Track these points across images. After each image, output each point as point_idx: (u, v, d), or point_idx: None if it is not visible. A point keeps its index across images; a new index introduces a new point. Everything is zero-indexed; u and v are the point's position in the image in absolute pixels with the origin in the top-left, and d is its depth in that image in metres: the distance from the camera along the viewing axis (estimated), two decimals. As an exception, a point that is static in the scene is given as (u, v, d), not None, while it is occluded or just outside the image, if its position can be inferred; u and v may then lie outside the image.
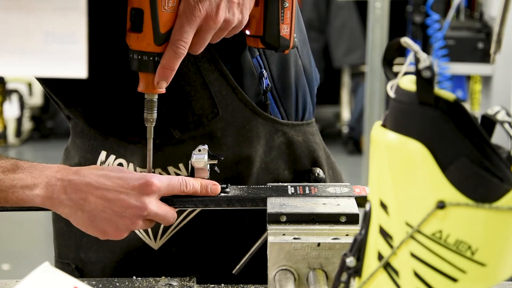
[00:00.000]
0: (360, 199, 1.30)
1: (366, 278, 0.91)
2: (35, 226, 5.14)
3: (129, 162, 1.41)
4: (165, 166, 1.40)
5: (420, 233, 0.86)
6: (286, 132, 1.46)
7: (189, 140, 1.40)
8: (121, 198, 1.25)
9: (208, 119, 1.39)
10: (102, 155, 1.44)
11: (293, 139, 1.47)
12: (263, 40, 1.34)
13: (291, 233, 1.20)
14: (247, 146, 1.42)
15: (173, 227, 1.43)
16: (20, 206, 1.28)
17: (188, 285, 1.30)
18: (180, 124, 1.39)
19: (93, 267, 1.48)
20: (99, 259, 1.47)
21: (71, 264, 1.50)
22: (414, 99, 0.85)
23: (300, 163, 1.47)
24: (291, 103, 1.48)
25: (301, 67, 1.50)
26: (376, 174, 0.89)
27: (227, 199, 1.31)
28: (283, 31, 1.34)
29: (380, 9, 4.06)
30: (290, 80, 1.47)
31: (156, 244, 1.44)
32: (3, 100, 7.00)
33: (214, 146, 1.39)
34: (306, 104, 1.51)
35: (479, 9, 4.45)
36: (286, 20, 1.34)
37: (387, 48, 0.90)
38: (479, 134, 0.84)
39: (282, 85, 1.46)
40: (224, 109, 1.40)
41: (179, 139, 1.40)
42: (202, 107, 1.39)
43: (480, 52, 4.03)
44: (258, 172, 1.43)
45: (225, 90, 1.39)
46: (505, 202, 0.83)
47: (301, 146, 1.48)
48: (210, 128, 1.40)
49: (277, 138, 1.45)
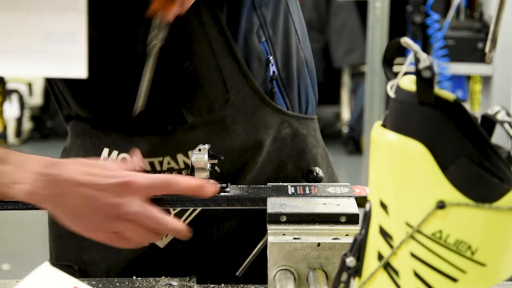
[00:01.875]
0: (360, 199, 1.30)
1: (366, 278, 0.91)
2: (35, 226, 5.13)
3: (134, 156, 1.41)
4: (175, 154, 1.40)
5: (420, 233, 0.86)
6: (292, 124, 1.46)
7: (200, 126, 1.40)
8: (98, 195, 1.20)
9: (220, 104, 1.40)
10: (104, 152, 1.43)
11: (297, 131, 1.47)
12: None
13: (291, 233, 1.20)
14: (254, 134, 1.43)
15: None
16: (7, 200, 1.26)
17: (188, 285, 1.30)
18: (193, 108, 1.39)
19: (97, 268, 1.47)
20: (102, 259, 1.46)
21: (73, 266, 1.49)
22: (414, 99, 0.85)
23: (302, 157, 1.47)
24: (294, 94, 1.48)
25: (302, 58, 1.51)
26: (376, 174, 0.89)
27: (227, 199, 1.31)
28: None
29: (380, 9, 4.06)
30: (293, 70, 1.48)
31: (162, 242, 1.44)
32: (3, 100, 7.00)
33: (224, 133, 1.40)
34: (308, 97, 1.51)
35: (479, 9, 4.45)
36: None
37: (387, 48, 0.90)
38: (479, 134, 0.84)
39: (286, 74, 1.47)
40: (235, 96, 1.40)
41: (191, 125, 1.40)
42: (214, 91, 1.39)
43: (480, 52, 4.03)
44: (262, 162, 1.44)
45: (237, 76, 1.40)
46: (505, 202, 0.83)
47: (304, 139, 1.48)
48: (221, 114, 1.40)
49: (283, 129, 1.45)
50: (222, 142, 1.41)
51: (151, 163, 1.41)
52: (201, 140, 1.36)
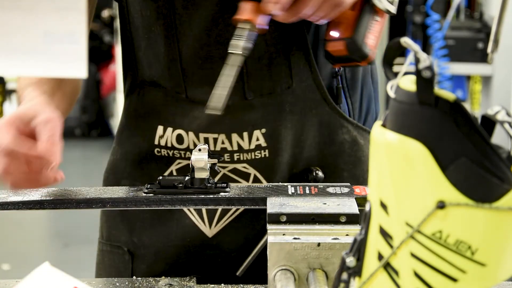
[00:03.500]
0: (360, 199, 1.30)
1: (366, 278, 0.91)
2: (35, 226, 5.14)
3: (188, 131, 1.43)
4: (230, 133, 1.42)
5: (420, 233, 0.86)
6: (350, 131, 1.46)
7: (259, 107, 1.41)
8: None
9: (282, 88, 1.41)
10: (159, 130, 1.46)
11: (356, 140, 1.47)
12: (349, 41, 1.35)
13: (291, 233, 1.20)
14: (309, 130, 1.43)
15: (229, 215, 1.45)
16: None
17: (188, 285, 1.30)
18: (255, 86, 1.40)
19: (146, 251, 1.50)
20: (152, 243, 1.49)
21: (122, 247, 1.52)
22: (414, 99, 0.85)
23: (358, 166, 1.47)
24: (357, 98, 1.48)
25: (368, 67, 1.51)
26: (376, 174, 0.89)
27: (227, 198, 1.31)
28: (369, 40, 1.36)
29: (380, 9, 4.05)
30: (358, 73, 1.49)
31: (210, 232, 1.45)
32: (3, 100, 7.00)
33: (280, 119, 1.41)
34: (370, 107, 1.52)
35: (479, 9, 4.46)
36: (374, 31, 1.36)
37: (387, 48, 0.90)
38: (479, 134, 0.84)
39: (352, 75, 1.47)
40: (298, 84, 1.41)
41: (250, 104, 1.41)
42: (278, 73, 1.40)
43: (480, 52, 4.03)
44: (309, 159, 1.44)
45: (302, 64, 1.41)
46: (505, 202, 0.83)
47: (362, 149, 1.48)
48: (281, 98, 1.41)
49: (341, 134, 1.45)
50: (277, 130, 1.42)
51: (206, 138, 1.43)
52: (257, 121, 1.38)
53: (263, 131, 1.41)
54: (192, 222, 1.46)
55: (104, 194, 1.32)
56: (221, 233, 1.46)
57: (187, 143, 1.44)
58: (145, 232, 1.49)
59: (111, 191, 1.34)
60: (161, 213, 1.47)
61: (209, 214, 1.44)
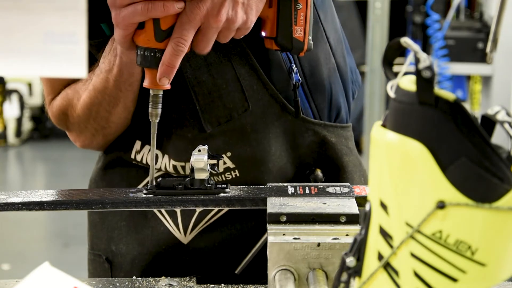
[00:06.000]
0: (360, 199, 1.30)
1: (366, 278, 0.91)
2: (35, 226, 5.14)
3: (164, 154, 1.43)
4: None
5: (420, 233, 0.86)
6: (317, 132, 1.46)
7: (219, 134, 1.41)
8: None
9: (239, 113, 1.41)
10: (137, 144, 1.46)
11: (325, 139, 1.47)
12: (276, 41, 1.35)
13: (291, 233, 1.20)
14: (275, 142, 1.43)
15: (204, 222, 1.45)
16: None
17: (188, 285, 1.30)
18: (211, 118, 1.40)
19: (123, 259, 1.50)
20: (129, 251, 1.49)
21: (102, 256, 1.52)
22: (414, 99, 0.85)
23: (331, 164, 1.48)
24: (323, 100, 1.48)
25: (334, 65, 1.51)
26: (376, 174, 0.89)
27: (227, 199, 1.31)
28: (296, 33, 1.34)
29: (380, 9, 4.06)
30: (322, 77, 1.48)
31: (185, 239, 1.45)
32: (3, 100, 7.00)
33: (244, 141, 1.41)
34: (339, 104, 1.51)
35: (479, 9, 4.46)
36: (299, 22, 1.35)
37: (387, 48, 0.90)
38: (479, 134, 0.84)
39: (314, 80, 1.47)
40: (255, 104, 1.41)
41: (210, 134, 1.41)
42: (233, 100, 1.40)
43: (480, 52, 4.03)
44: (283, 167, 1.44)
45: (255, 84, 1.41)
46: (505, 202, 0.83)
47: (333, 147, 1.48)
48: (240, 122, 1.41)
49: (307, 137, 1.45)
50: (243, 151, 1.42)
51: (174, 166, 1.43)
52: (220, 147, 1.39)
53: (229, 154, 1.42)
54: (167, 229, 1.46)
55: (104, 195, 1.32)
56: (196, 239, 1.46)
57: (160, 165, 1.45)
58: (122, 240, 1.50)
59: (110, 192, 1.34)
60: (136, 221, 1.48)
61: (184, 221, 1.44)
